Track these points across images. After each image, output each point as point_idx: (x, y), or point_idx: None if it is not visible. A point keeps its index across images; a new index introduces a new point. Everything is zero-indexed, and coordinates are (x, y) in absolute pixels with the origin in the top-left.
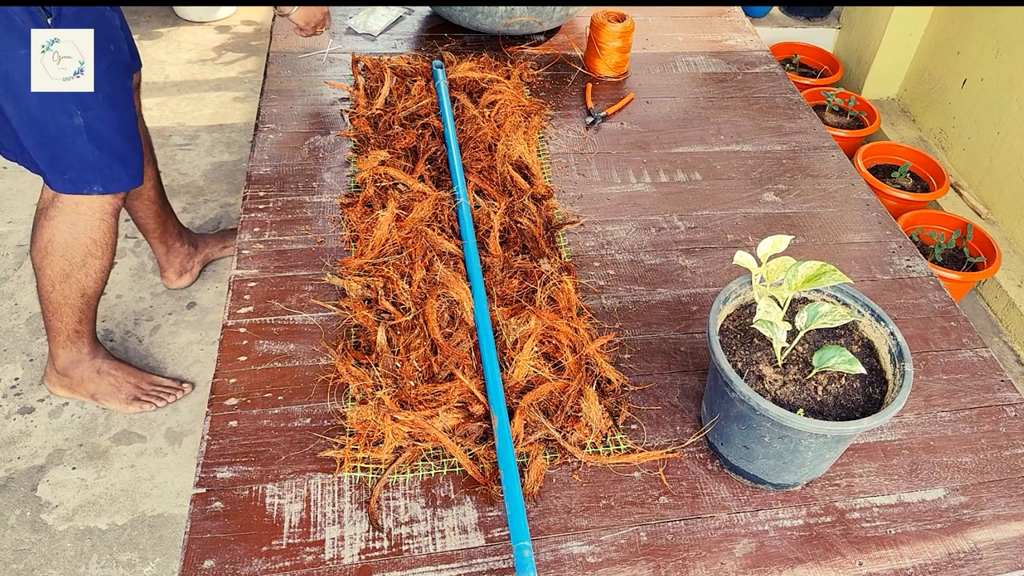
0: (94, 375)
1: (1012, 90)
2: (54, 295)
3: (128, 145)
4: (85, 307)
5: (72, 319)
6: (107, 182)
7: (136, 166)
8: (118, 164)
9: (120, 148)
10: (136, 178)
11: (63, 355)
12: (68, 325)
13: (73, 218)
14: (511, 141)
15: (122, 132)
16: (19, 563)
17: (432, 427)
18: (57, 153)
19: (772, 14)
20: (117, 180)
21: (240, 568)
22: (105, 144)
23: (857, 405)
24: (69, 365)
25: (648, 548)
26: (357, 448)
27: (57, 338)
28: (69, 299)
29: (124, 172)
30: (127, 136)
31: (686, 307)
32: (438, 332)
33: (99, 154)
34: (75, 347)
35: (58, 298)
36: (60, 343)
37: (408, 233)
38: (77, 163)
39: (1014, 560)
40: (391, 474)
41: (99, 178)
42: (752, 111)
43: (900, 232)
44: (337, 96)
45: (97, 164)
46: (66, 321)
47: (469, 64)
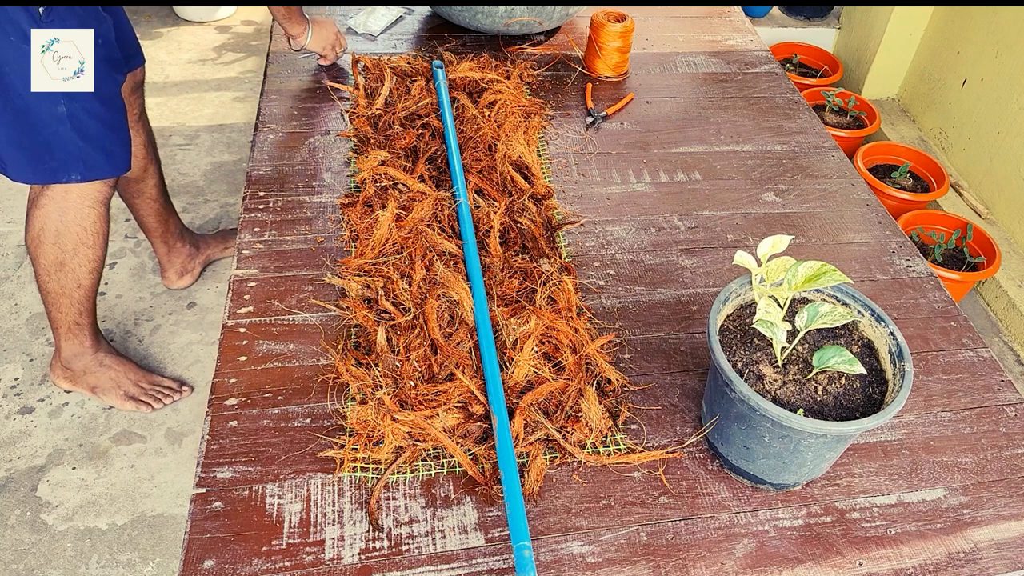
0: (96, 368)
1: (1012, 90)
2: (51, 285)
3: (112, 136)
4: (83, 299)
5: (71, 311)
6: (87, 170)
7: (120, 156)
8: (100, 154)
9: (103, 138)
10: (118, 167)
11: (66, 347)
12: (68, 317)
13: (63, 206)
14: (511, 141)
15: (105, 122)
16: (19, 563)
17: (432, 427)
18: (38, 142)
19: (772, 14)
20: (98, 168)
21: (240, 568)
22: (88, 133)
23: (857, 405)
24: (72, 357)
25: (648, 548)
26: (357, 448)
27: (59, 330)
28: (66, 289)
29: (106, 161)
30: (111, 126)
31: (686, 307)
32: (438, 332)
33: (81, 143)
34: (76, 339)
35: (55, 288)
36: (62, 335)
37: (408, 233)
38: (59, 152)
39: (1014, 560)
40: (391, 474)
41: (79, 166)
42: (752, 111)
43: (900, 232)
44: (337, 96)
45: (79, 153)
46: (66, 312)
47: (469, 64)
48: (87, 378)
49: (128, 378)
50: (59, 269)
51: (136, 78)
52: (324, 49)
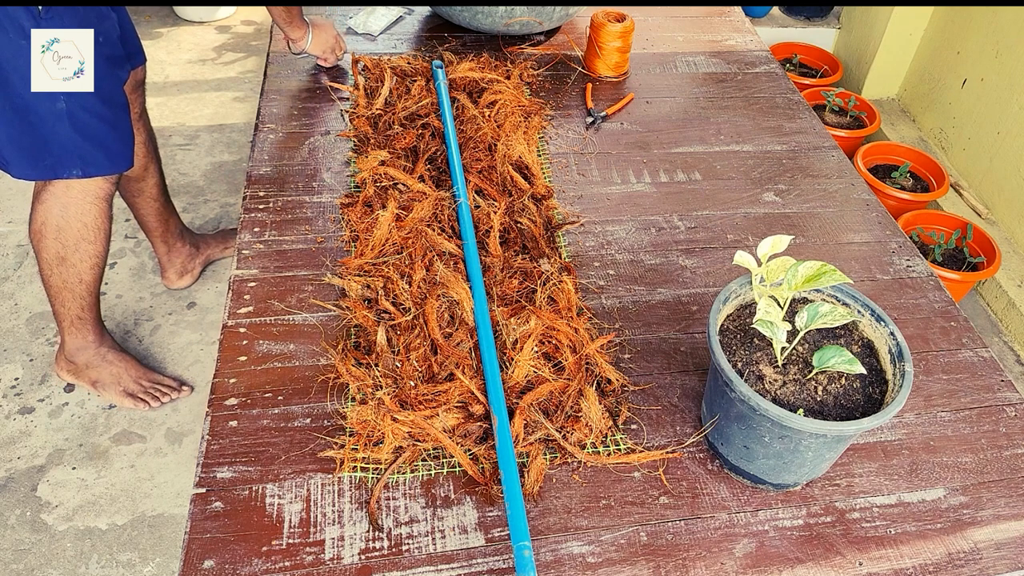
0: (98, 362)
1: (1012, 90)
2: (53, 279)
3: (112, 133)
4: (85, 294)
5: (74, 306)
6: (86, 166)
7: (120, 153)
8: (100, 151)
9: (103, 135)
10: (119, 164)
11: (69, 341)
12: (71, 311)
13: (64, 201)
14: (511, 141)
15: (106, 119)
16: (19, 563)
17: (432, 427)
18: (37, 139)
19: (772, 14)
20: (97, 165)
21: (240, 568)
22: (87, 130)
23: (857, 405)
24: (75, 351)
25: (648, 548)
26: (357, 448)
27: (62, 324)
28: (68, 283)
29: (106, 158)
30: (112, 124)
31: (686, 307)
32: (438, 332)
33: (80, 140)
34: (80, 334)
35: (57, 282)
36: (66, 328)
37: (408, 233)
38: (57, 149)
39: (1014, 560)
40: (391, 474)
41: (78, 163)
42: (752, 111)
43: (900, 232)
44: (337, 96)
45: (77, 150)
46: (68, 307)
47: (469, 64)
48: (89, 372)
49: (129, 375)
50: (61, 264)
51: (137, 77)
52: (324, 52)
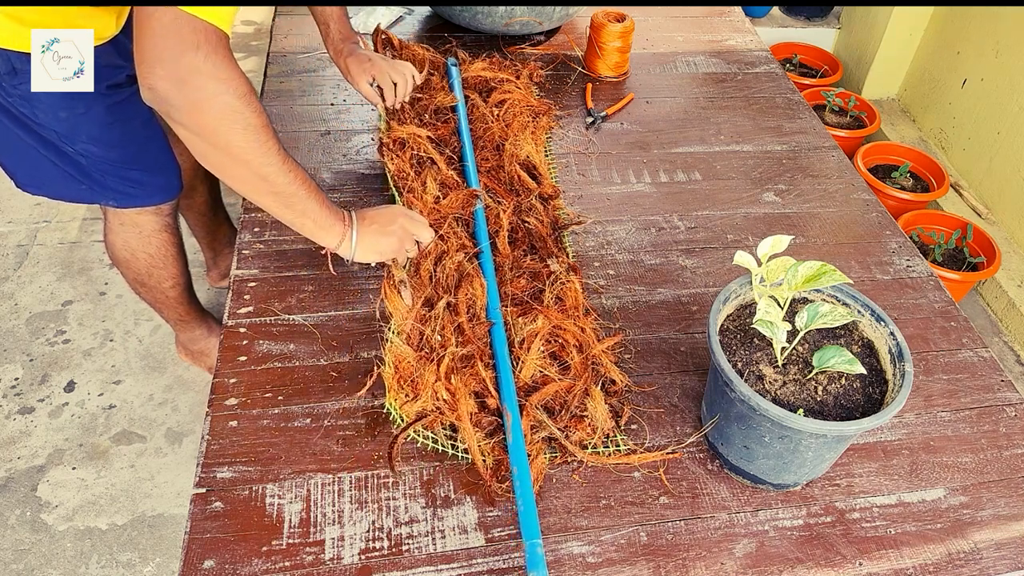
0: (212, 350)
1: (1012, 90)
2: (142, 296)
3: (143, 175)
4: (176, 304)
5: (171, 312)
6: (121, 199)
7: (155, 185)
8: (131, 187)
9: (124, 176)
10: (155, 197)
11: (181, 335)
12: (171, 316)
13: (124, 237)
14: (519, 141)
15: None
16: (19, 563)
17: (463, 403)
18: (62, 173)
19: (772, 14)
20: (134, 198)
21: (240, 568)
22: (110, 178)
23: (857, 405)
24: (187, 341)
25: (648, 548)
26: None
27: (169, 322)
28: (156, 300)
29: (142, 192)
30: (134, 162)
31: (686, 307)
32: (465, 317)
33: (101, 181)
34: (186, 330)
35: (147, 298)
36: (172, 326)
37: (440, 217)
38: (85, 183)
39: (1014, 560)
40: (410, 431)
41: (112, 196)
42: (752, 111)
43: (900, 232)
44: (336, 96)
45: (102, 192)
46: (167, 314)
47: (482, 64)
48: (205, 359)
49: None
50: (142, 287)
51: None
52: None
